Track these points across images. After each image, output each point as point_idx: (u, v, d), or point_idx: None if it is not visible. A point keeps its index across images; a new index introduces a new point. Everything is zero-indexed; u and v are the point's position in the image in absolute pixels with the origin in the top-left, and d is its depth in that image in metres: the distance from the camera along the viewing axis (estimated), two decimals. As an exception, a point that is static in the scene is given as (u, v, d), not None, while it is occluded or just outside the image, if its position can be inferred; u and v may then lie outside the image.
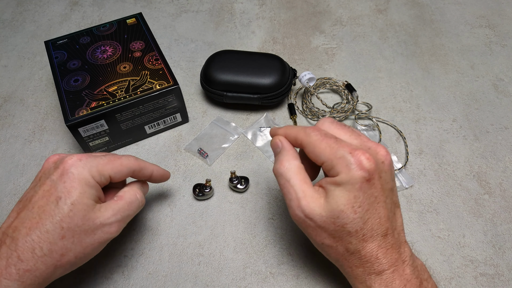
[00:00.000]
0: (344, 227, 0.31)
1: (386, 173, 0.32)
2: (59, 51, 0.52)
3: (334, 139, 0.32)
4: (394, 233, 0.33)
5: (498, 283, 0.40)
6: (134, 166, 0.38)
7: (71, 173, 0.33)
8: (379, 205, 0.32)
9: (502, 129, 0.53)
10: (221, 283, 0.41)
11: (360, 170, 0.30)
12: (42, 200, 0.32)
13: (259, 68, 0.52)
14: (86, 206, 0.33)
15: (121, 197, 0.36)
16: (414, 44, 0.64)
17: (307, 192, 0.32)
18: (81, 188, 0.33)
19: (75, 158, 0.34)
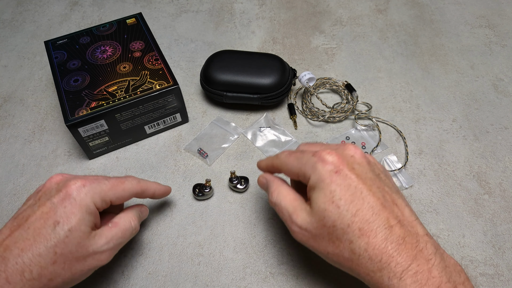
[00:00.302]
0: (335, 225, 0.30)
1: (360, 165, 0.32)
2: (59, 51, 0.52)
3: (300, 152, 0.35)
4: (404, 223, 0.29)
5: (498, 283, 0.40)
6: (136, 190, 0.38)
7: (73, 199, 0.32)
8: (364, 194, 0.30)
9: (502, 129, 0.53)
10: (221, 283, 0.41)
11: (325, 165, 0.31)
12: (39, 222, 0.31)
13: (259, 68, 0.52)
14: (82, 233, 0.32)
15: (116, 224, 0.36)
16: (414, 44, 0.64)
17: (297, 207, 0.34)
18: (81, 215, 0.32)
19: (79, 183, 0.33)
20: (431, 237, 0.30)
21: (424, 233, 0.30)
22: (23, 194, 0.48)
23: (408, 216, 0.30)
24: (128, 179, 0.38)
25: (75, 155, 0.52)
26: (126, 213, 0.38)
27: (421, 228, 0.30)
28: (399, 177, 0.48)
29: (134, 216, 0.38)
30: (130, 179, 0.38)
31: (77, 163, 0.51)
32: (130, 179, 0.38)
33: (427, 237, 0.30)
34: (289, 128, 0.54)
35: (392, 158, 0.50)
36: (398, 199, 0.31)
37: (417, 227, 0.30)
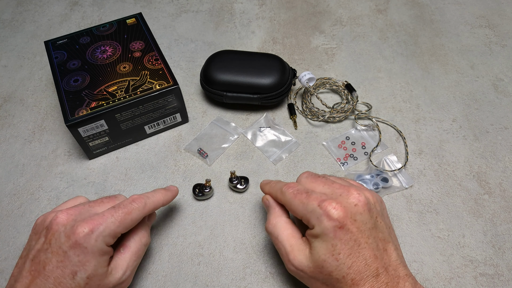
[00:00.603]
0: (331, 275, 0.32)
1: (362, 215, 0.33)
2: (59, 51, 0.52)
3: (305, 194, 0.35)
4: (389, 270, 0.32)
5: (498, 283, 0.40)
6: (145, 213, 0.37)
7: (84, 247, 0.32)
8: (361, 247, 0.32)
9: (502, 129, 0.53)
10: (221, 283, 0.41)
11: (329, 221, 0.32)
12: (57, 271, 0.32)
13: (259, 68, 0.52)
14: (101, 275, 0.33)
15: (128, 248, 0.36)
16: (414, 44, 0.64)
17: (294, 246, 0.35)
18: (96, 261, 0.33)
19: (86, 229, 0.33)
20: (410, 276, 0.33)
21: (404, 273, 0.33)
22: (23, 194, 0.48)
23: (394, 260, 0.33)
24: (134, 206, 0.36)
25: (75, 155, 0.52)
26: (135, 230, 0.38)
27: (403, 270, 0.33)
28: (399, 177, 0.48)
29: (144, 231, 0.38)
30: (136, 205, 0.36)
31: (77, 163, 0.51)
32: (136, 205, 0.36)
33: (406, 277, 0.33)
34: (289, 128, 0.54)
35: (392, 158, 0.50)
36: (388, 244, 0.34)
37: (399, 270, 0.33)
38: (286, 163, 0.50)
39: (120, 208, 0.35)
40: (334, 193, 0.35)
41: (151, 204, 0.38)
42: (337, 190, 0.35)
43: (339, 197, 0.34)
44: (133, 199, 0.37)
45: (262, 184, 0.42)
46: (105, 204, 0.37)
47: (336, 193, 0.35)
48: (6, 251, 0.44)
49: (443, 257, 0.42)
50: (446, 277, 0.41)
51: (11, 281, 0.33)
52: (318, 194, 0.34)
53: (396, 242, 0.36)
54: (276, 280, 0.41)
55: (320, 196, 0.34)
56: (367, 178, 0.48)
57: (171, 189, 0.42)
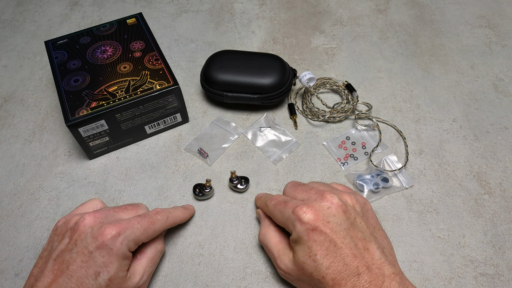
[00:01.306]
0: (312, 276, 0.34)
1: (335, 216, 0.35)
2: (59, 51, 0.52)
3: (283, 204, 0.37)
4: (372, 268, 0.33)
5: (498, 283, 0.40)
6: (165, 227, 0.40)
7: (110, 249, 0.33)
8: (338, 246, 0.33)
9: (502, 129, 0.53)
10: (221, 283, 0.41)
11: (302, 225, 0.34)
12: (80, 271, 0.33)
13: (259, 68, 0.52)
14: (121, 279, 0.34)
15: (144, 254, 0.38)
16: (414, 44, 0.64)
17: (281, 251, 0.38)
18: (118, 264, 0.34)
19: (114, 232, 0.34)
20: (397, 274, 0.33)
21: (391, 272, 0.33)
22: (23, 194, 0.48)
23: (377, 259, 0.34)
24: (158, 218, 0.38)
25: (75, 155, 0.52)
26: (152, 239, 0.39)
27: (388, 268, 0.33)
28: (400, 177, 0.48)
29: (159, 239, 0.40)
30: (159, 217, 0.38)
31: (77, 163, 0.51)
32: (159, 217, 0.38)
33: (393, 275, 0.33)
34: (289, 128, 0.54)
35: (392, 158, 0.50)
36: (370, 244, 0.34)
37: (384, 269, 0.33)
38: (287, 163, 0.50)
39: (146, 218, 0.37)
40: (309, 199, 0.37)
41: (172, 219, 0.40)
42: (313, 195, 0.37)
43: (313, 202, 0.36)
44: (157, 212, 0.39)
45: (256, 199, 0.45)
46: (129, 211, 0.39)
47: (311, 199, 0.37)
48: (6, 251, 0.44)
49: (443, 257, 0.42)
50: (446, 277, 0.41)
51: (31, 280, 0.34)
52: (294, 202, 0.37)
53: (382, 242, 0.36)
54: (276, 280, 0.41)
55: (296, 203, 0.36)
56: (367, 178, 0.48)
57: (189, 208, 0.45)
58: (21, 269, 0.42)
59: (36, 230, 0.45)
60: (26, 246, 0.44)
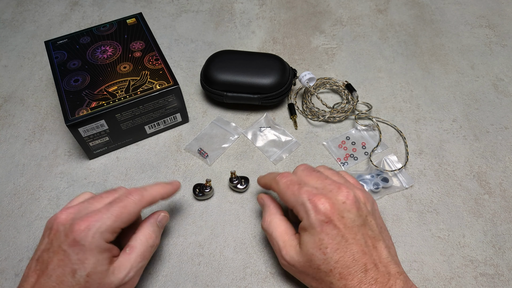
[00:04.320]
0: (319, 268, 0.33)
1: (350, 212, 0.34)
2: (59, 51, 0.52)
3: (297, 186, 0.36)
4: (378, 266, 0.33)
5: (498, 283, 0.40)
6: (142, 207, 0.37)
7: (82, 245, 0.32)
8: (349, 242, 0.33)
9: (502, 129, 0.53)
10: (221, 283, 0.41)
11: (317, 215, 0.33)
12: (58, 270, 0.32)
13: (259, 68, 0.52)
14: (101, 274, 0.33)
15: (133, 248, 0.36)
16: (414, 44, 0.64)
17: (287, 242, 0.36)
18: (94, 258, 0.33)
19: (83, 226, 0.33)
20: (402, 274, 0.34)
21: (396, 271, 0.33)
22: (23, 194, 0.48)
23: (384, 258, 0.34)
24: (130, 200, 0.36)
25: (75, 155, 0.52)
26: (143, 231, 0.37)
27: (394, 267, 0.34)
28: (400, 177, 0.48)
29: (151, 232, 0.38)
30: (132, 198, 0.36)
31: (77, 163, 0.51)
32: (132, 198, 0.36)
33: (398, 274, 0.33)
34: (289, 128, 0.54)
35: (392, 158, 0.50)
36: (379, 242, 0.35)
37: (390, 267, 0.33)
38: (287, 163, 0.50)
39: (116, 203, 0.35)
40: (325, 189, 0.36)
41: (149, 197, 0.38)
42: (328, 186, 0.36)
43: (328, 193, 0.35)
44: (130, 192, 0.37)
45: (259, 178, 0.43)
46: (104, 199, 0.37)
47: (326, 189, 0.36)
48: (6, 251, 0.44)
49: (443, 257, 0.42)
50: (446, 277, 0.41)
51: (22, 281, 0.34)
52: (310, 188, 0.35)
53: (388, 242, 0.36)
54: (276, 280, 0.41)
55: (311, 190, 0.35)
56: (368, 178, 0.48)
57: (173, 183, 0.42)
58: (21, 269, 0.42)
59: (36, 230, 0.45)
60: (26, 246, 0.44)
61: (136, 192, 0.37)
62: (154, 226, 0.38)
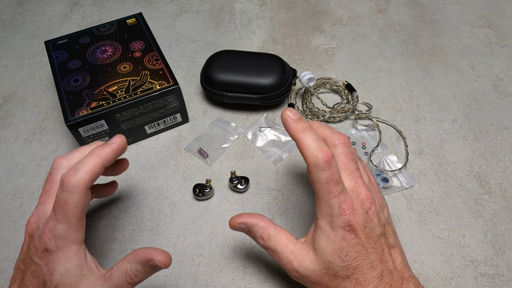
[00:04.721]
0: (336, 275, 0.33)
1: (372, 222, 0.33)
2: (59, 51, 0.52)
3: (335, 187, 0.32)
4: (393, 272, 0.33)
5: (498, 283, 0.40)
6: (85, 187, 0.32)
7: (51, 255, 0.32)
8: (368, 251, 0.33)
9: (502, 129, 0.53)
10: (221, 283, 0.41)
11: (342, 222, 0.32)
12: (33, 281, 0.32)
13: (259, 68, 0.52)
14: (69, 286, 0.32)
15: (110, 277, 0.32)
16: (414, 44, 0.64)
17: (296, 252, 0.34)
18: (62, 268, 0.31)
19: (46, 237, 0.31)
20: (413, 277, 0.34)
21: (408, 275, 0.34)
22: (23, 194, 0.48)
23: (399, 264, 0.34)
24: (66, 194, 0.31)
25: (75, 155, 0.52)
26: (125, 264, 0.32)
27: (407, 272, 0.34)
28: (400, 177, 0.48)
29: (134, 270, 0.32)
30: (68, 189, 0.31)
31: (77, 163, 0.51)
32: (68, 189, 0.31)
33: (410, 278, 0.34)
34: (289, 128, 0.54)
35: (392, 158, 0.50)
36: (394, 249, 0.35)
37: (403, 272, 0.34)
38: (287, 163, 0.50)
39: (57, 204, 0.31)
40: (354, 192, 0.33)
41: (85, 177, 0.32)
42: (358, 189, 0.34)
43: (356, 198, 0.33)
44: (63, 183, 0.31)
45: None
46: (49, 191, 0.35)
47: (355, 193, 0.33)
48: (6, 251, 0.44)
49: (443, 257, 0.42)
50: (446, 277, 0.41)
51: None
52: (343, 193, 0.32)
53: (401, 247, 0.36)
54: (276, 280, 0.41)
55: (343, 197, 0.32)
56: (367, 178, 0.48)
57: (112, 142, 0.34)
58: (21, 269, 0.42)
59: (36, 230, 0.45)
60: (26, 246, 0.44)
61: (67, 180, 0.31)
62: (140, 266, 0.32)
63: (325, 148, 0.32)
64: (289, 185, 0.48)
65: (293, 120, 0.34)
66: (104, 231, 0.45)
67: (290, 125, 0.34)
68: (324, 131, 0.36)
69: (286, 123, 0.34)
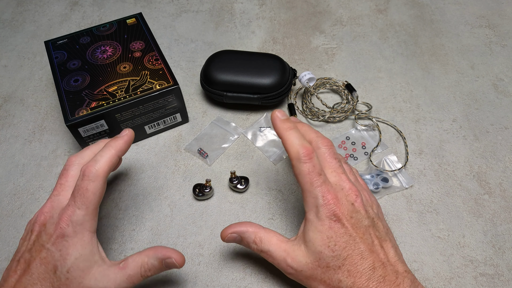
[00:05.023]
0: (328, 266, 0.33)
1: (358, 213, 0.34)
2: (59, 51, 0.52)
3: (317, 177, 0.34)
4: (386, 265, 0.33)
5: (498, 283, 0.40)
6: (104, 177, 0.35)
7: (66, 241, 0.33)
8: (356, 241, 0.33)
9: (502, 129, 0.53)
10: (221, 283, 0.41)
11: (327, 212, 0.33)
12: (41, 268, 0.33)
13: (259, 68, 0.52)
14: (82, 272, 0.33)
15: (124, 267, 0.34)
16: (414, 44, 0.64)
17: (288, 249, 0.35)
18: (77, 253, 0.33)
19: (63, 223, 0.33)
20: (409, 273, 0.34)
21: (403, 270, 0.34)
22: (23, 194, 0.48)
23: (392, 257, 0.34)
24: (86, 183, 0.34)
25: (75, 155, 0.52)
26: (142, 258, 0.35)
27: (402, 266, 0.34)
28: (399, 177, 0.48)
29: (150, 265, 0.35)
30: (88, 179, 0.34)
31: (77, 163, 0.51)
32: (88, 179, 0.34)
33: (405, 273, 0.34)
34: (289, 128, 0.54)
35: (392, 158, 0.50)
36: (385, 242, 0.35)
37: (398, 266, 0.34)
38: (287, 163, 0.50)
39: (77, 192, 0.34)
40: (338, 185, 0.35)
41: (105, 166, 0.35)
42: (342, 183, 0.35)
43: (340, 191, 0.35)
44: (84, 173, 0.34)
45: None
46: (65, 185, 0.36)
47: (339, 186, 0.35)
48: (6, 251, 0.44)
49: (443, 257, 0.42)
50: (446, 277, 0.41)
51: (1, 284, 0.34)
52: (326, 182, 0.34)
53: (394, 243, 0.36)
54: (276, 280, 0.41)
55: (326, 186, 0.34)
56: (367, 178, 0.48)
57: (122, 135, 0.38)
58: (21, 269, 0.42)
59: (36, 230, 0.45)
60: (26, 246, 0.44)
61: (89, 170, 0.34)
62: (156, 262, 0.35)
63: (306, 144, 0.35)
64: (289, 185, 0.48)
65: (280, 120, 0.37)
66: (104, 231, 0.45)
67: (277, 124, 0.37)
68: (311, 135, 0.39)
69: (274, 121, 0.37)
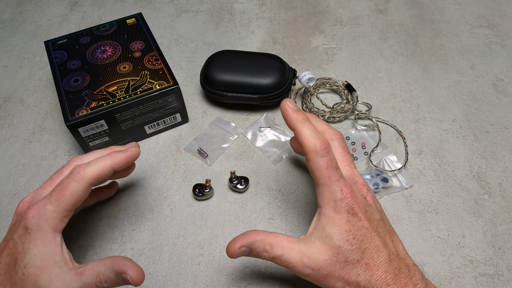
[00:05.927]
0: (347, 260, 0.33)
1: (371, 207, 0.35)
2: (59, 51, 0.52)
3: (335, 172, 0.33)
4: (399, 257, 0.34)
5: (498, 283, 0.40)
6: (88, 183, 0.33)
7: (29, 234, 0.32)
8: (372, 234, 0.33)
9: (502, 129, 0.53)
10: (221, 283, 0.41)
11: (345, 206, 0.33)
12: (7, 258, 0.32)
13: (259, 68, 0.52)
14: (38, 269, 0.31)
15: (81, 273, 0.32)
16: (414, 44, 0.64)
17: (302, 249, 0.34)
18: (36, 249, 0.32)
19: (30, 214, 0.32)
20: (417, 266, 0.35)
21: (412, 263, 0.35)
22: (23, 194, 0.48)
23: (401, 251, 0.35)
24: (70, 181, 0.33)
25: (75, 155, 0.52)
26: (98, 268, 0.32)
27: (410, 260, 0.35)
28: (399, 177, 0.48)
29: (106, 277, 0.32)
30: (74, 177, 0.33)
31: (77, 163, 0.51)
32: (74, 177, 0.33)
33: (415, 267, 0.35)
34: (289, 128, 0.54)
35: (392, 158, 0.50)
36: (394, 236, 0.36)
37: (408, 260, 0.35)
38: (286, 163, 0.50)
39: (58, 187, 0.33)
40: (351, 179, 0.36)
41: (93, 172, 0.34)
42: (354, 177, 0.36)
43: (353, 185, 0.35)
44: (72, 172, 0.33)
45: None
46: (54, 180, 0.36)
47: (352, 180, 0.36)
48: (6, 251, 0.44)
49: (443, 257, 0.42)
50: (446, 277, 0.41)
51: None
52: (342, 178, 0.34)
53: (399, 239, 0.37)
54: (276, 280, 0.41)
55: (345, 182, 0.34)
56: (367, 178, 0.48)
57: (127, 149, 0.38)
58: (21, 269, 0.42)
59: (36, 230, 0.45)
60: (26, 246, 0.44)
61: (77, 170, 0.33)
62: (112, 274, 0.32)
63: (322, 137, 0.34)
64: (289, 185, 0.48)
65: (293, 110, 0.35)
66: (104, 231, 0.45)
67: (289, 115, 0.35)
68: (322, 125, 0.39)
69: (286, 112, 0.35)
